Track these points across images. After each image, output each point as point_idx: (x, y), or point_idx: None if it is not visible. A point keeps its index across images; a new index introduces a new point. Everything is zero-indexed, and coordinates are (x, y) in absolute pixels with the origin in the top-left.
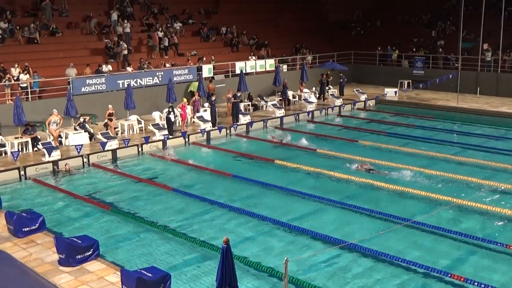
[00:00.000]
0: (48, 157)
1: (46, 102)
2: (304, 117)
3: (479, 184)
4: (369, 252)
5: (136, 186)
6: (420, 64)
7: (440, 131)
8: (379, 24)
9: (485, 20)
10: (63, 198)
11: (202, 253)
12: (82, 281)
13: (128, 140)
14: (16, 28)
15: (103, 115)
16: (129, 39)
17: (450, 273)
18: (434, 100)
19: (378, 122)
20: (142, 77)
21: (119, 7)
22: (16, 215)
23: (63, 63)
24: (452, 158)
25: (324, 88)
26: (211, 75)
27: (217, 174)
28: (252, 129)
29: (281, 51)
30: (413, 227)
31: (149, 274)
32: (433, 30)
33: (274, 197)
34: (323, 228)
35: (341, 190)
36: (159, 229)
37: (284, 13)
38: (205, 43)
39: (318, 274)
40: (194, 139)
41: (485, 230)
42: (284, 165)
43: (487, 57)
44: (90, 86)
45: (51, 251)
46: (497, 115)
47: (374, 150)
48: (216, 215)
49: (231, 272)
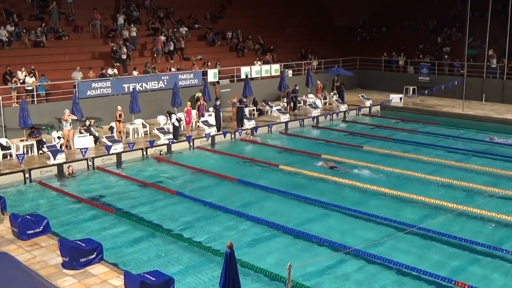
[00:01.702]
0: (53, 160)
1: (51, 105)
2: (309, 122)
3: (483, 190)
4: (373, 258)
5: (141, 190)
6: (425, 70)
7: (445, 137)
8: (385, 29)
9: (491, 26)
10: (67, 201)
11: (205, 258)
12: (85, 284)
13: (133, 144)
14: (22, 32)
15: (109, 118)
16: (135, 43)
17: (454, 280)
18: (439, 107)
19: (383, 128)
20: (147, 81)
21: (126, 11)
22: (20, 217)
23: (69, 66)
24: (456, 165)
25: (343, 94)
26: (217, 79)
27: (221, 179)
28: (257, 134)
29: (287, 56)
30: (417, 233)
31: (152, 278)
32: (439, 36)
33: (278, 201)
34: (328, 234)
35: (345, 196)
36: (163, 233)
37: (290, 18)
38: (211, 48)
39: (322, 279)
40: (198, 144)
41: (488, 237)
42: (288, 170)
43: (492, 64)
44: (96, 90)
45: (55, 254)
46: (503, 122)
47: (379, 155)
48: (220, 220)
49: (235, 277)
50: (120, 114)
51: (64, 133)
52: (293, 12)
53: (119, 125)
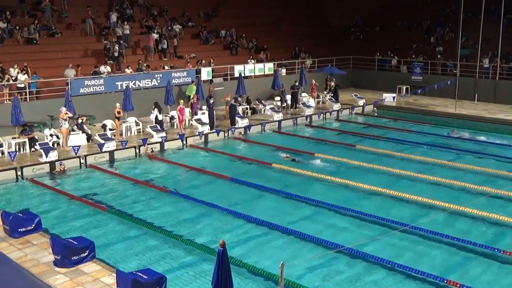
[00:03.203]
0: (45, 157)
1: (44, 103)
2: (302, 121)
3: (475, 189)
4: (365, 257)
5: (133, 188)
6: (418, 70)
7: (437, 137)
8: (379, 29)
9: (484, 27)
10: (59, 199)
11: (198, 256)
12: (77, 283)
13: (125, 142)
14: (15, 28)
15: (101, 116)
16: (128, 41)
17: (446, 279)
18: (432, 106)
19: (376, 127)
20: (140, 79)
21: (119, 8)
22: (12, 215)
23: (62, 63)
24: (448, 164)
25: (338, 94)
26: (210, 78)
27: (214, 177)
28: (249, 133)
29: (281, 55)
30: (409, 232)
31: (144, 276)
32: (432, 36)
33: (271, 200)
34: (320, 232)
35: (335, 195)
36: (155, 231)
37: (284, 17)
38: (204, 46)
39: (314, 277)
40: (192, 142)
41: (479, 236)
42: (282, 168)
43: (485, 64)
44: (89, 87)
45: (46, 252)
46: (495, 122)
47: (372, 154)
48: (213, 218)
49: (227, 275)
50: (118, 111)
51: (62, 131)
52: (288, 11)
53: (118, 122)
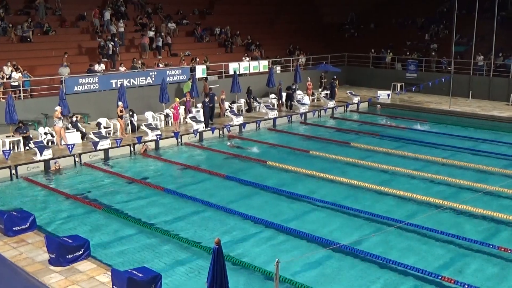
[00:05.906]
0: (39, 156)
1: (38, 101)
2: (297, 119)
3: (469, 186)
4: (360, 254)
5: (128, 186)
6: (413, 67)
7: (432, 134)
8: (373, 26)
9: (478, 24)
10: (54, 197)
11: (193, 254)
12: (72, 281)
13: (120, 140)
14: (9, 26)
15: (96, 114)
16: (122, 39)
17: (441, 275)
18: (426, 103)
19: (370, 124)
20: (135, 76)
21: (113, 6)
22: (6, 214)
23: (56, 62)
24: (443, 161)
25: (335, 91)
26: (205, 75)
27: (209, 175)
28: (245, 130)
29: (275, 52)
30: (404, 229)
31: (140, 274)
32: (427, 33)
33: (266, 197)
34: (315, 230)
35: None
36: (150, 229)
37: (278, 14)
38: (199, 44)
39: (309, 274)
40: (186, 140)
41: (474, 232)
42: (276, 166)
43: (479, 61)
44: (83, 85)
45: (41, 250)
46: (489, 119)
47: (366, 151)
48: (208, 216)
49: (222, 273)
50: (121, 110)
51: (56, 130)
52: (282, 8)
53: (121, 121)
